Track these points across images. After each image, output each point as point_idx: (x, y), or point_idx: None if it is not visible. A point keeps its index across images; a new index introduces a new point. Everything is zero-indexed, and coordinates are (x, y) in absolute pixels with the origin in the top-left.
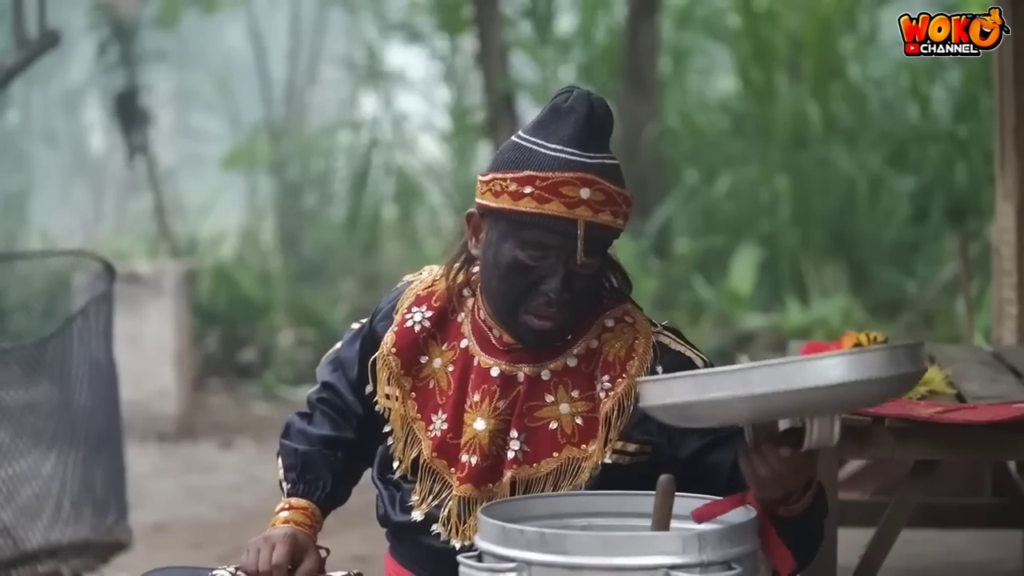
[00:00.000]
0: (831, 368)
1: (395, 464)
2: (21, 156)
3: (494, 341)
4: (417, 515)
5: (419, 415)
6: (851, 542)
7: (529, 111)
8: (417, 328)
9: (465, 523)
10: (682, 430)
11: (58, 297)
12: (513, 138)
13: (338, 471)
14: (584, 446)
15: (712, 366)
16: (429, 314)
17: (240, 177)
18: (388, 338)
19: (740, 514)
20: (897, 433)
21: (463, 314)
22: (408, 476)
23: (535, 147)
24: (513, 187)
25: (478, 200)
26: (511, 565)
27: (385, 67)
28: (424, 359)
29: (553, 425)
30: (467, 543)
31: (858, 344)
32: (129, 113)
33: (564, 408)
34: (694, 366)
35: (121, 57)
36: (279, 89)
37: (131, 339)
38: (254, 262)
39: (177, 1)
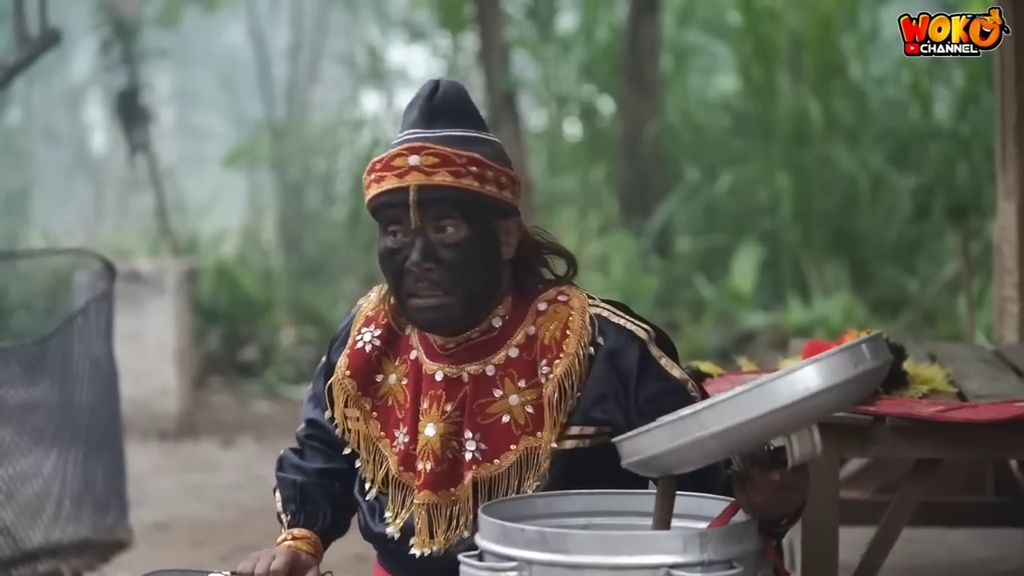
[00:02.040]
0: (796, 383)
1: (367, 485)
2: (22, 154)
3: (436, 347)
4: (392, 530)
5: (383, 433)
6: (852, 541)
7: (530, 109)
8: (368, 348)
9: (433, 531)
10: (640, 405)
11: (59, 296)
12: None
13: (336, 501)
14: (539, 434)
15: (658, 335)
16: (378, 332)
17: (241, 175)
18: (341, 361)
19: (741, 512)
20: (898, 432)
21: (410, 327)
22: (383, 492)
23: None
24: (366, 181)
25: None
26: (512, 564)
27: (386, 65)
28: (380, 377)
29: (506, 419)
30: (436, 549)
31: None
32: (130, 111)
33: (513, 400)
34: (636, 338)
35: (122, 55)
36: (280, 87)
37: (132, 337)
38: (255, 260)
39: None
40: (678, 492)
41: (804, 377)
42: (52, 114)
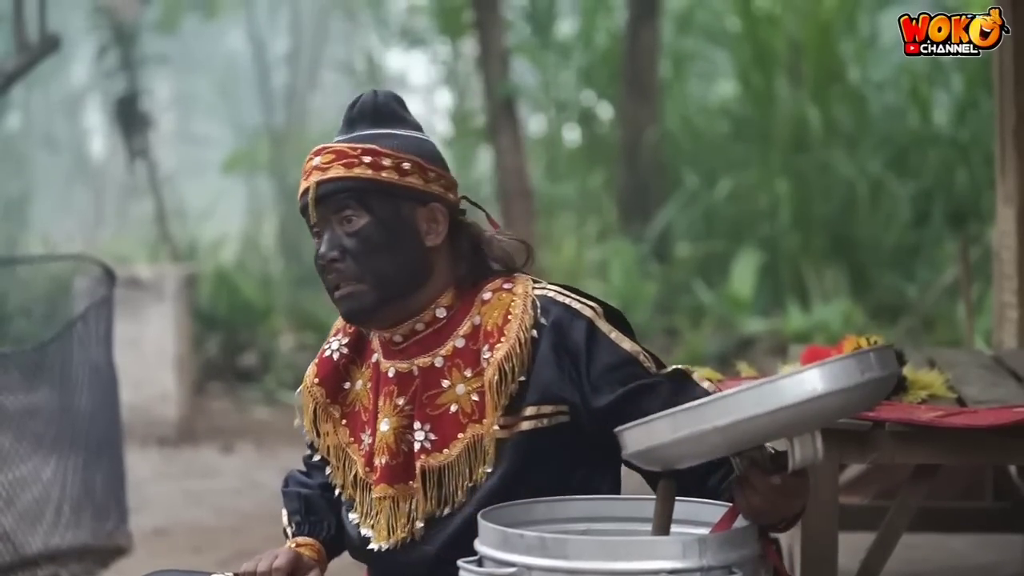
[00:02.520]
0: (803, 384)
1: (336, 492)
2: (22, 160)
3: (390, 346)
4: (365, 531)
5: (351, 439)
6: (852, 546)
7: (529, 115)
8: (336, 356)
9: (391, 524)
10: (592, 380)
11: (58, 301)
12: None
13: (340, 514)
14: (485, 421)
15: (607, 310)
16: (346, 340)
17: (241, 181)
18: (310, 370)
19: (741, 519)
20: (898, 437)
21: (372, 332)
22: (352, 499)
23: None
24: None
25: None
26: (511, 570)
27: (386, 71)
28: (347, 385)
29: (453, 408)
30: (395, 543)
31: (858, 348)
32: (130, 117)
33: (460, 389)
34: (582, 316)
35: (122, 61)
36: (279, 94)
37: (132, 343)
38: (255, 266)
39: (178, 5)
40: (678, 498)
41: (810, 379)
42: (51, 120)
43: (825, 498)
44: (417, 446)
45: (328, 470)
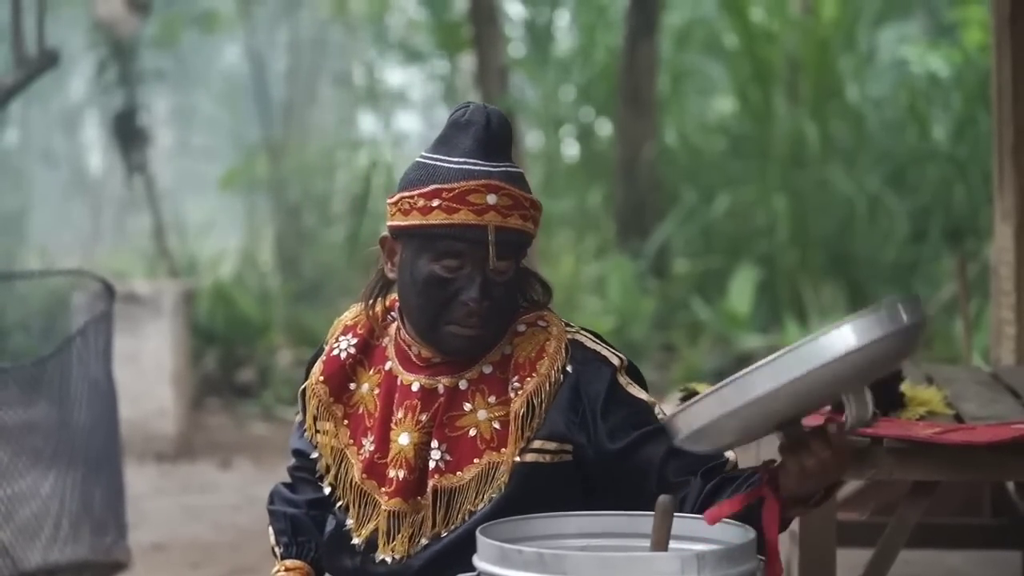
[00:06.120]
0: (835, 342)
1: (326, 490)
2: (20, 175)
3: (414, 358)
4: (357, 541)
5: (351, 440)
6: (850, 563)
7: (528, 131)
8: (343, 356)
9: (394, 538)
10: (608, 426)
11: (57, 316)
12: (417, 159)
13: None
14: (503, 450)
15: (629, 364)
16: (354, 341)
17: (239, 196)
18: (316, 368)
19: (739, 534)
20: (896, 454)
21: (387, 339)
22: (339, 501)
23: (439, 163)
24: (421, 203)
25: (389, 223)
26: None
27: (384, 87)
28: (352, 386)
29: (472, 432)
30: (396, 557)
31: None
32: (128, 132)
33: (482, 414)
34: (609, 364)
35: (120, 76)
36: (278, 108)
37: (130, 359)
38: (253, 282)
39: (176, 20)
40: (677, 513)
41: (844, 335)
42: (50, 135)
43: (823, 514)
44: (432, 464)
45: (320, 468)
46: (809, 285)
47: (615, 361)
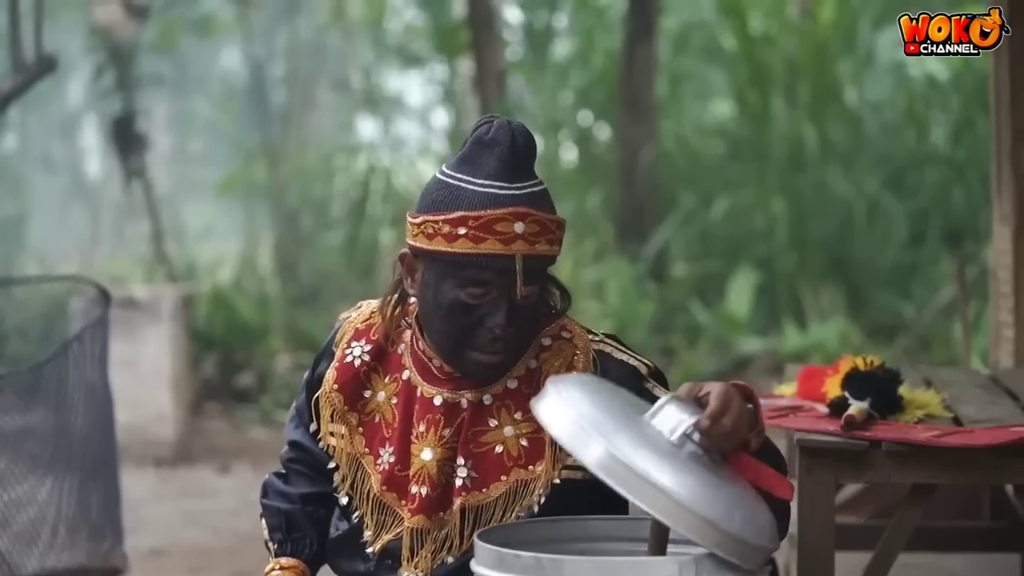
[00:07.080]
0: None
1: (343, 500)
2: (18, 180)
3: (435, 371)
4: (371, 551)
5: (367, 449)
6: (848, 566)
7: None
8: (357, 363)
9: (417, 554)
10: None
11: (54, 322)
12: (438, 175)
13: (322, 527)
14: (532, 467)
15: (657, 370)
16: (368, 348)
17: (238, 202)
18: (329, 374)
19: None
20: (894, 457)
21: (402, 346)
22: (354, 511)
23: (463, 184)
24: (446, 229)
25: (411, 242)
26: None
27: (382, 92)
28: (368, 393)
29: (499, 449)
30: (421, 574)
31: (855, 368)
32: (126, 137)
33: (508, 431)
34: (638, 373)
35: (118, 81)
36: (276, 113)
37: (128, 364)
38: (251, 287)
39: (174, 25)
40: None
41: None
42: (48, 140)
43: (821, 517)
44: (459, 482)
45: (336, 478)
46: (808, 288)
47: (643, 370)
